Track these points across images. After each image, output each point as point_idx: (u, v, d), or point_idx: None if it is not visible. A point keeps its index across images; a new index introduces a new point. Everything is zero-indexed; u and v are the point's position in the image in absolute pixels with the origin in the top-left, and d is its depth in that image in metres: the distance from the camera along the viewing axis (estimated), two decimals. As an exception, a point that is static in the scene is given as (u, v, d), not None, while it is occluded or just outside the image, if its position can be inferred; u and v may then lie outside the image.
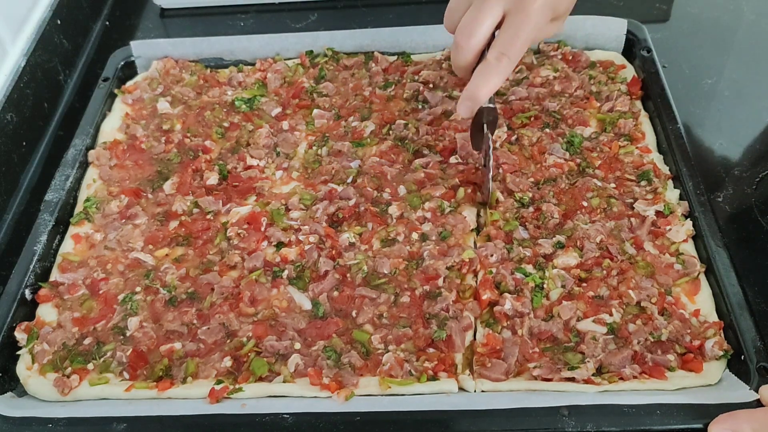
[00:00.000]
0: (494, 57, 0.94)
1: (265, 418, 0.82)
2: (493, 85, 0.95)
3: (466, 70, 0.98)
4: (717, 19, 1.34)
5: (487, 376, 0.86)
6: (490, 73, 0.94)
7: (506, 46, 0.93)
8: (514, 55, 0.94)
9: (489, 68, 0.94)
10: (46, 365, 0.91)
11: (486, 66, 0.94)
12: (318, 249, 0.99)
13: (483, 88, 0.95)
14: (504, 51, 0.93)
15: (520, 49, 0.94)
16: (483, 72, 0.94)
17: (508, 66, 0.94)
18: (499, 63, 0.93)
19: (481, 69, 0.95)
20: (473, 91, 0.95)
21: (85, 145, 1.13)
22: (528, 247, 0.97)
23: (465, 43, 0.95)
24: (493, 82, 0.95)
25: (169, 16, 1.44)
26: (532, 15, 0.92)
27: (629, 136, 1.09)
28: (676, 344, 0.88)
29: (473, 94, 0.95)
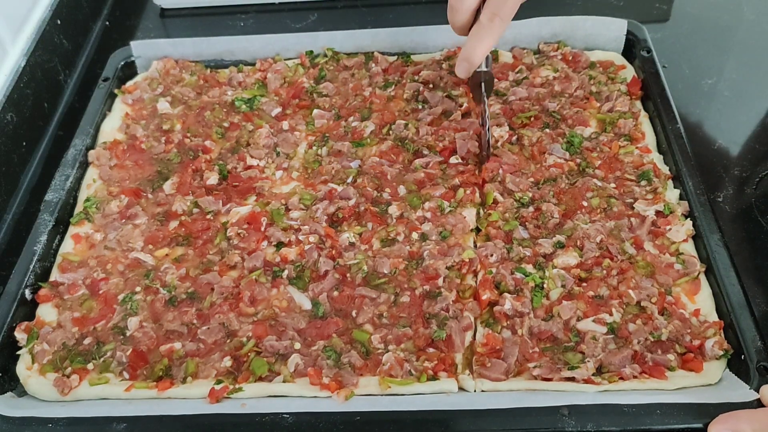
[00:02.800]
0: (487, 18, 0.99)
1: (265, 418, 0.82)
2: (487, 45, 1.00)
3: (462, 30, 1.04)
4: (717, 19, 1.34)
5: (487, 376, 0.86)
6: (483, 34, 1.00)
7: (498, 6, 0.98)
8: (506, 15, 0.99)
9: (482, 29, 0.99)
10: (46, 365, 0.91)
11: (479, 27, 1.00)
12: (318, 249, 0.99)
13: (478, 49, 1.00)
14: (495, 11, 0.98)
15: (511, 9, 0.99)
16: (477, 33, 1.00)
17: (500, 26, 0.99)
18: (492, 23, 0.99)
19: (475, 30, 1.00)
20: (469, 52, 1.01)
21: (85, 145, 1.13)
22: (528, 247, 0.97)
23: (459, 4, 1.00)
24: (486, 42, 1.00)
25: (169, 16, 1.44)
26: None
27: (629, 136, 1.09)
28: (676, 344, 0.88)
29: (469, 55, 1.01)
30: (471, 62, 1.02)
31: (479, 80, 1.05)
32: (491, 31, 1.00)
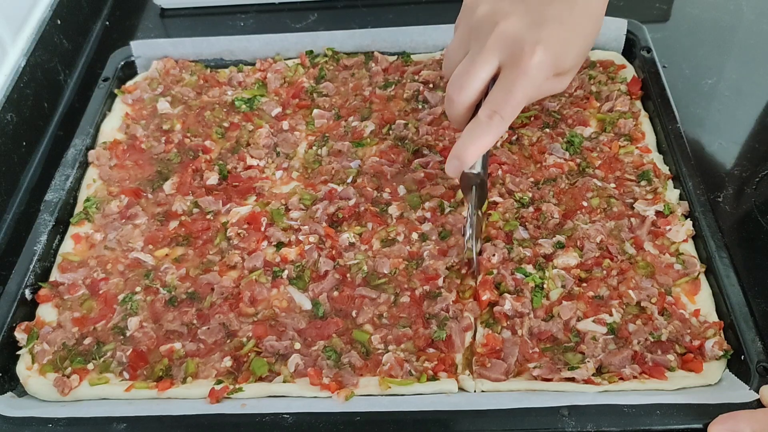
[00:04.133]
0: (485, 115, 0.87)
1: (265, 418, 0.82)
2: (483, 145, 0.87)
3: (459, 123, 0.92)
4: (717, 19, 1.34)
5: (487, 376, 0.86)
6: (480, 132, 0.87)
7: (499, 104, 0.86)
8: (507, 115, 0.86)
9: (479, 127, 0.87)
10: (46, 365, 0.91)
11: (476, 124, 0.87)
12: (318, 249, 0.99)
13: (470, 147, 0.87)
14: (496, 109, 0.86)
15: (514, 108, 0.87)
16: (472, 130, 0.87)
17: (500, 125, 0.87)
18: (490, 122, 0.86)
19: (471, 127, 0.88)
20: (460, 150, 0.88)
21: (85, 145, 1.13)
22: (528, 247, 0.97)
23: (456, 96, 0.89)
24: (482, 141, 0.87)
25: (169, 16, 1.44)
26: (529, 71, 0.84)
27: (629, 136, 1.09)
28: (676, 344, 0.88)
29: (460, 153, 0.88)
30: (462, 161, 0.88)
31: (470, 183, 0.92)
32: (489, 130, 0.87)
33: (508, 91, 0.85)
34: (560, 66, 0.87)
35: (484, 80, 0.88)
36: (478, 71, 0.87)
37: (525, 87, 0.85)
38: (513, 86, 0.85)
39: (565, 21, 0.86)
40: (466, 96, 0.88)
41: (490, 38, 0.86)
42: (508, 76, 0.85)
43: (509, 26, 0.85)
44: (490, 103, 0.86)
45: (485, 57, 0.86)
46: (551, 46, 0.84)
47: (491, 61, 0.86)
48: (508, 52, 0.85)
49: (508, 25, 0.85)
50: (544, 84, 0.88)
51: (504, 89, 0.85)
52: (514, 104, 0.86)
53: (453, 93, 0.89)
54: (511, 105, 0.86)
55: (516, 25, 0.85)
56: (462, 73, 0.88)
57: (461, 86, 0.88)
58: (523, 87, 0.85)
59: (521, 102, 0.86)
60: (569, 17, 0.86)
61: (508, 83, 0.85)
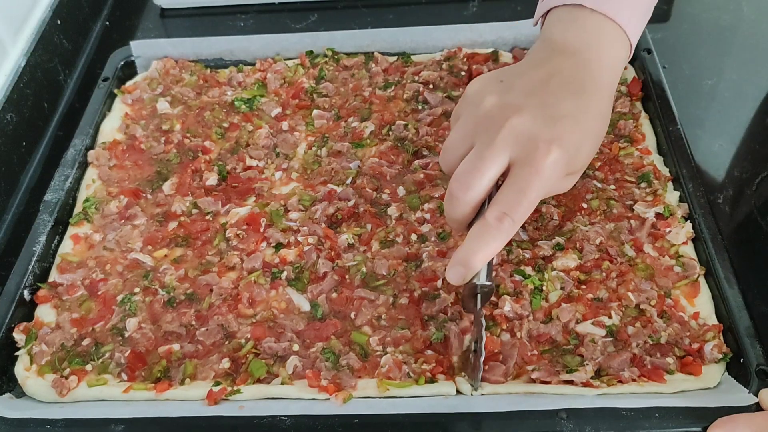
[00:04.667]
0: (494, 217, 0.78)
1: (263, 420, 0.82)
2: (492, 250, 0.79)
3: (460, 224, 0.84)
4: (717, 20, 1.34)
5: (486, 379, 0.86)
6: (488, 236, 0.78)
7: (510, 206, 0.78)
8: (519, 217, 0.78)
9: (487, 230, 0.78)
10: (45, 366, 0.91)
11: (484, 227, 0.78)
12: (317, 250, 0.99)
13: (478, 254, 0.78)
14: (507, 211, 0.77)
15: (526, 210, 0.79)
16: (480, 234, 0.78)
17: (510, 228, 0.78)
18: (500, 224, 0.77)
19: (477, 230, 0.79)
20: (466, 256, 0.79)
21: (85, 146, 1.13)
22: (527, 249, 0.97)
23: (462, 194, 0.80)
24: (491, 247, 0.79)
25: (169, 16, 1.44)
26: (544, 171, 0.77)
27: (629, 137, 1.09)
28: (675, 347, 0.88)
29: (466, 259, 0.79)
30: (468, 268, 0.79)
31: (475, 292, 0.83)
32: (498, 235, 0.78)
33: (520, 191, 0.78)
34: (573, 166, 0.81)
35: (493, 178, 0.80)
36: (487, 168, 0.79)
37: (538, 187, 0.78)
38: (526, 186, 0.77)
39: (580, 120, 0.80)
40: (473, 195, 0.80)
41: (500, 133, 0.79)
42: (520, 175, 0.78)
43: (522, 122, 0.79)
44: (500, 203, 0.78)
45: (496, 153, 0.79)
46: (565, 145, 0.78)
47: (501, 158, 0.79)
48: (520, 149, 0.78)
49: (522, 121, 0.79)
50: (556, 184, 0.82)
51: (516, 189, 0.78)
52: (526, 205, 0.78)
53: (458, 191, 0.80)
54: (523, 206, 0.78)
55: (529, 121, 0.79)
56: (468, 170, 0.80)
57: (468, 184, 0.79)
58: (537, 187, 0.78)
59: (533, 203, 0.79)
60: (583, 115, 0.81)
61: (521, 182, 0.78)
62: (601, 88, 0.86)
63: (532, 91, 0.83)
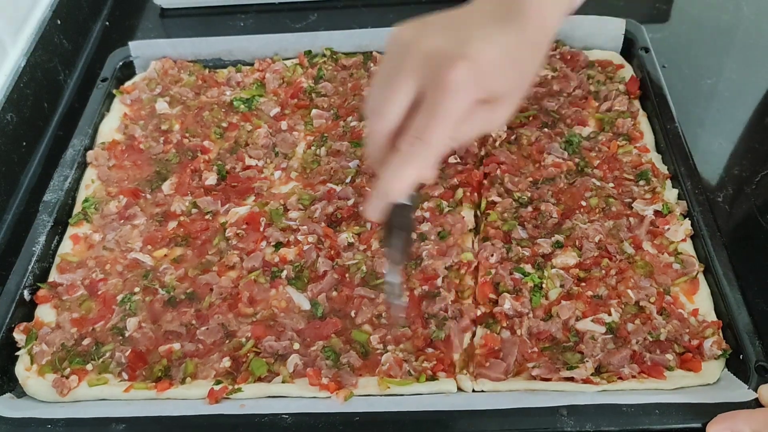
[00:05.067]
0: (407, 143, 0.74)
1: (264, 419, 0.82)
2: (408, 177, 0.74)
3: (377, 158, 0.78)
4: (717, 19, 1.34)
5: (486, 376, 0.86)
6: (402, 163, 0.74)
7: (420, 129, 0.73)
8: (433, 139, 0.73)
9: (401, 157, 0.74)
10: (45, 366, 0.91)
11: (396, 155, 0.74)
12: (317, 249, 0.99)
13: (395, 183, 0.74)
14: (417, 134, 0.73)
15: (439, 132, 0.73)
16: (394, 163, 0.74)
17: (424, 152, 0.73)
18: (412, 148, 0.73)
19: (391, 160, 0.74)
20: (384, 187, 0.75)
21: (84, 146, 1.13)
22: (527, 247, 0.97)
23: (373, 124, 0.76)
24: (406, 173, 0.74)
25: (169, 16, 1.44)
26: (450, 87, 0.72)
27: (628, 135, 1.09)
28: (674, 344, 0.88)
29: (384, 190, 0.75)
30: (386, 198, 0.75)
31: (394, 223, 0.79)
32: (412, 159, 0.73)
33: (429, 112, 0.73)
34: (488, 87, 0.75)
35: (403, 104, 0.75)
36: (394, 94, 0.75)
37: (448, 106, 0.73)
38: (435, 107, 0.73)
39: (496, 41, 0.75)
40: (385, 123, 0.75)
41: (408, 57, 0.75)
42: (429, 98, 0.73)
43: (431, 44, 0.74)
44: (411, 129, 0.74)
45: (403, 77, 0.75)
46: (475, 61, 0.72)
47: (410, 82, 0.74)
48: (428, 70, 0.73)
49: (430, 43, 0.74)
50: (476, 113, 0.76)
51: (425, 112, 0.74)
52: (438, 127, 0.73)
53: (372, 122, 0.77)
54: (432, 126, 0.73)
55: (439, 43, 0.74)
56: (379, 100, 0.76)
57: (378, 112, 0.76)
58: (448, 107, 0.73)
59: (447, 126, 0.73)
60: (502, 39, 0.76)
61: (429, 104, 0.73)
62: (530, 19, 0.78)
63: (451, 22, 0.78)
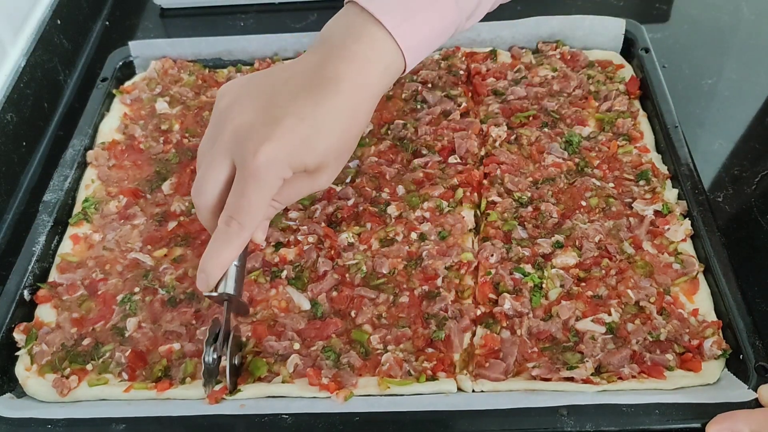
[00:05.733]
0: (223, 221, 0.78)
1: (264, 419, 0.82)
2: (227, 255, 0.79)
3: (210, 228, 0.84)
4: (717, 20, 1.34)
5: (486, 376, 0.86)
6: (220, 241, 0.79)
7: (234, 210, 0.78)
8: (246, 220, 0.78)
9: (219, 235, 0.79)
10: (45, 366, 0.91)
11: (217, 232, 0.79)
12: (317, 249, 0.99)
13: (213, 259, 0.79)
14: (232, 214, 0.78)
15: (250, 213, 0.78)
16: (214, 239, 0.79)
17: (239, 234, 0.78)
18: (228, 229, 0.78)
19: (213, 236, 0.80)
20: (204, 262, 0.80)
21: (84, 146, 1.13)
22: (526, 247, 0.97)
23: (196, 199, 0.81)
24: (225, 251, 0.79)
25: (169, 16, 1.44)
26: (257, 173, 0.76)
27: (628, 135, 1.09)
28: (674, 344, 0.88)
29: (204, 264, 0.80)
30: (207, 273, 0.80)
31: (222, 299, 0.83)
32: (228, 239, 0.78)
33: (240, 194, 0.77)
34: (301, 164, 0.79)
35: (220, 183, 0.79)
36: (212, 174, 0.79)
37: (256, 190, 0.77)
38: (244, 189, 0.77)
39: (307, 117, 0.78)
40: (205, 200, 0.80)
41: (222, 136, 0.78)
42: (239, 179, 0.77)
43: (242, 123, 0.78)
44: (227, 208, 0.78)
45: (218, 158, 0.79)
46: (284, 145, 0.76)
47: (224, 163, 0.78)
48: (237, 151, 0.77)
49: (242, 122, 0.78)
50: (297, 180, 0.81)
51: (236, 193, 0.78)
52: (248, 209, 0.77)
53: (194, 197, 0.82)
54: (245, 210, 0.77)
55: (249, 122, 0.77)
56: (199, 177, 0.80)
57: (198, 190, 0.80)
58: (255, 190, 0.77)
59: (257, 205, 0.78)
60: (314, 112, 0.78)
61: (240, 186, 0.77)
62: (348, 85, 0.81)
63: (265, 92, 0.81)
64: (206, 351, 0.82)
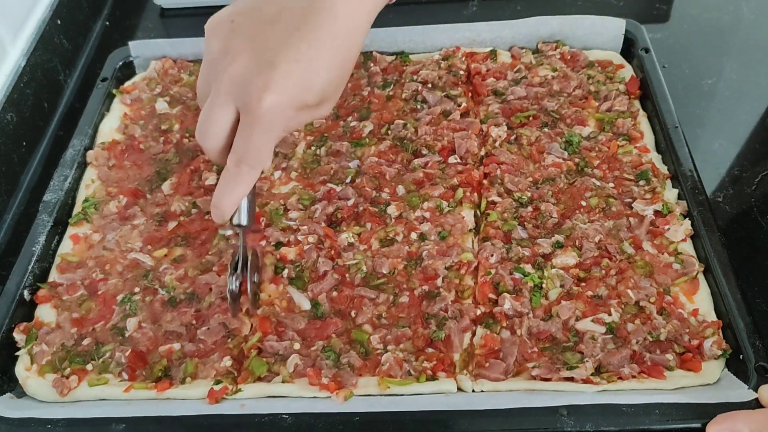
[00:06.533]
0: (233, 163, 0.82)
1: (264, 419, 0.82)
2: (237, 194, 0.83)
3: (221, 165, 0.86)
4: (717, 20, 1.34)
5: (486, 376, 0.86)
6: (230, 182, 0.83)
7: (242, 152, 0.81)
8: (254, 161, 0.81)
9: (229, 176, 0.82)
10: (45, 366, 0.91)
11: (226, 173, 0.83)
12: (317, 249, 0.99)
13: (226, 197, 0.83)
14: (241, 157, 0.81)
15: (258, 155, 0.81)
16: (224, 179, 0.83)
17: (249, 173, 0.82)
18: (238, 170, 0.81)
19: (223, 176, 0.83)
20: (217, 200, 0.84)
21: (84, 146, 1.13)
22: (527, 247, 0.97)
23: (202, 143, 0.83)
24: (236, 191, 0.83)
25: (169, 16, 1.44)
26: (262, 117, 0.78)
27: (628, 135, 1.09)
28: (674, 344, 0.88)
29: (217, 202, 0.84)
30: (222, 211, 0.84)
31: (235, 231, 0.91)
32: (239, 179, 0.82)
33: (247, 138, 0.80)
34: (303, 102, 0.81)
35: (226, 127, 0.81)
36: (215, 118, 0.81)
37: (263, 134, 0.80)
38: (250, 133, 0.80)
39: (302, 59, 0.78)
40: (212, 143, 0.82)
41: (222, 83, 0.80)
42: (244, 122, 0.80)
43: (239, 69, 0.79)
44: (234, 150, 0.81)
45: (220, 103, 0.80)
46: (285, 90, 0.78)
47: (227, 108, 0.80)
48: (240, 97, 0.79)
49: (238, 68, 0.79)
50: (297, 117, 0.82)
51: (243, 136, 0.80)
52: (255, 151, 0.80)
53: (200, 140, 0.83)
54: (252, 152, 0.80)
55: (245, 68, 0.79)
56: (203, 120, 0.82)
57: (204, 134, 0.82)
58: (261, 134, 0.80)
59: (264, 147, 0.81)
60: (306, 54, 0.79)
61: (246, 130, 0.80)
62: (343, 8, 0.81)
63: (256, 33, 0.80)
64: (230, 281, 0.87)
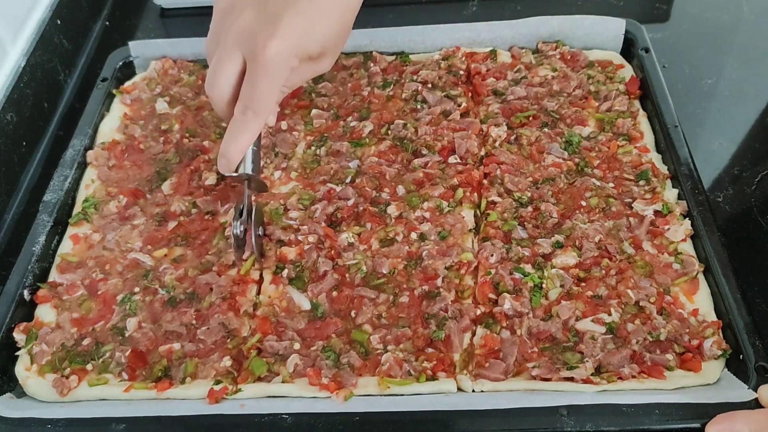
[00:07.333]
0: (239, 111, 0.88)
1: (264, 419, 0.82)
2: (243, 142, 0.89)
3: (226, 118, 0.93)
4: (717, 19, 1.34)
5: (486, 376, 0.86)
6: (236, 129, 0.88)
7: (248, 99, 0.87)
8: (260, 109, 0.87)
9: (236, 123, 0.88)
10: (45, 366, 0.91)
11: (233, 121, 0.89)
12: (317, 249, 0.99)
13: (232, 145, 0.89)
14: (247, 104, 0.87)
15: (264, 102, 0.87)
16: (231, 127, 0.89)
17: (255, 120, 0.88)
18: (244, 116, 0.88)
19: (230, 124, 0.89)
20: (224, 148, 0.90)
21: (84, 146, 1.13)
22: (527, 247, 0.97)
23: (209, 92, 0.90)
24: (242, 137, 0.89)
25: (169, 16, 1.44)
26: (267, 65, 0.85)
27: (628, 135, 1.09)
28: (674, 344, 0.88)
29: (224, 150, 0.90)
30: (228, 159, 0.90)
31: (242, 179, 0.94)
32: (245, 126, 0.88)
33: (253, 86, 0.86)
34: (306, 53, 0.87)
35: (233, 77, 0.88)
36: (222, 68, 0.88)
37: (268, 80, 0.86)
38: (255, 81, 0.86)
39: (303, 11, 0.85)
40: (219, 93, 0.89)
41: (229, 35, 0.87)
42: (250, 71, 0.86)
43: (245, 21, 0.86)
44: (241, 98, 0.87)
45: (227, 54, 0.87)
46: (288, 38, 0.84)
47: (234, 58, 0.87)
48: (246, 46, 0.85)
49: (245, 20, 0.86)
50: (300, 70, 0.89)
51: (249, 84, 0.86)
52: (261, 98, 0.87)
53: (207, 89, 0.90)
54: (258, 99, 0.86)
55: (251, 20, 0.85)
56: (212, 71, 0.89)
57: (211, 84, 0.89)
58: (266, 81, 0.86)
59: (270, 94, 0.87)
60: (309, 6, 0.85)
61: (252, 78, 0.86)
62: None
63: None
64: (234, 225, 0.93)
